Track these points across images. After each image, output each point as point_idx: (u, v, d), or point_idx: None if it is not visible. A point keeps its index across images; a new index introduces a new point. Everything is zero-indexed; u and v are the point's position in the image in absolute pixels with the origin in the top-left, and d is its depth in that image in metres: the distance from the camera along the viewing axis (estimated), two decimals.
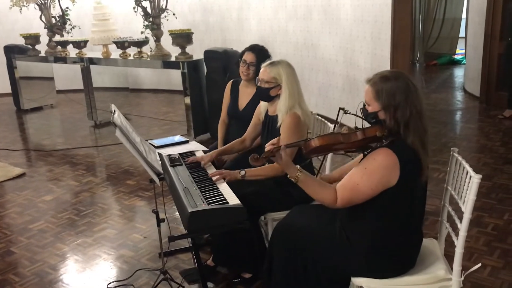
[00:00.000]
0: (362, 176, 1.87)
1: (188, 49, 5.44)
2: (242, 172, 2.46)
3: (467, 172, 1.94)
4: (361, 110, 1.98)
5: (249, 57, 3.16)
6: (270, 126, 2.70)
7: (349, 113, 2.00)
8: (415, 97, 1.85)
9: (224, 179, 2.46)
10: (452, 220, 2.08)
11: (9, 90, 7.64)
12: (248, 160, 2.05)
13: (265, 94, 2.65)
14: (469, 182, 1.90)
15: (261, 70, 2.67)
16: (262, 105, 2.78)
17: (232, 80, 3.39)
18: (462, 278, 1.94)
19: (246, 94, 3.25)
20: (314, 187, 1.98)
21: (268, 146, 2.04)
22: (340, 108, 2.03)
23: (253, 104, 3.15)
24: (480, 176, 1.83)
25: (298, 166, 2.02)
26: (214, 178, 2.47)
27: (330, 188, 1.97)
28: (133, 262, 3.06)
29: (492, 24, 6.14)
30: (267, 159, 2.05)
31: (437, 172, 4.15)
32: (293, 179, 1.99)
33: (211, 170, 2.62)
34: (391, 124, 1.87)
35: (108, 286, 2.82)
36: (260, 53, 3.16)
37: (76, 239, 3.40)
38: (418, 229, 2.05)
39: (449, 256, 2.16)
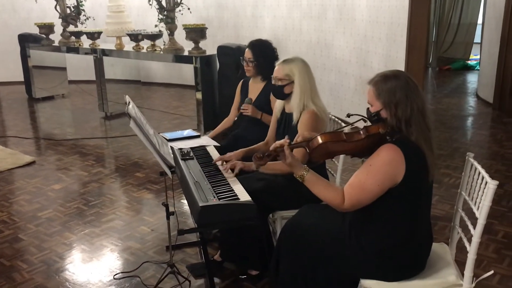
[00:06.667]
0: (368, 173, 1.86)
1: (201, 44, 5.43)
2: None
3: (482, 178, 1.92)
4: (366, 112, 1.98)
5: (247, 54, 3.24)
6: (286, 123, 2.69)
7: (352, 115, 1.99)
8: (415, 95, 1.87)
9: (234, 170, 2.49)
10: (464, 225, 2.06)
11: (22, 79, 7.68)
12: (252, 159, 2.03)
13: (279, 91, 2.65)
14: (484, 188, 1.87)
15: (275, 68, 2.66)
16: (278, 103, 2.77)
17: (242, 80, 3.46)
18: (474, 285, 1.92)
19: (255, 89, 3.30)
20: (320, 186, 1.96)
21: (273, 145, 2.03)
22: (347, 115, 2.03)
23: (263, 97, 3.17)
24: (496, 182, 1.80)
25: (305, 165, 2.00)
26: (225, 167, 2.52)
27: (337, 188, 1.95)
28: (140, 254, 3.06)
29: (508, 30, 6.07)
30: (271, 158, 2.03)
31: (448, 177, 4.11)
32: (299, 178, 1.98)
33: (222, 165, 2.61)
34: (393, 122, 1.87)
35: (114, 277, 2.82)
36: (255, 48, 3.22)
37: (83, 228, 3.41)
38: (427, 230, 2.03)
39: (458, 262, 2.14)
